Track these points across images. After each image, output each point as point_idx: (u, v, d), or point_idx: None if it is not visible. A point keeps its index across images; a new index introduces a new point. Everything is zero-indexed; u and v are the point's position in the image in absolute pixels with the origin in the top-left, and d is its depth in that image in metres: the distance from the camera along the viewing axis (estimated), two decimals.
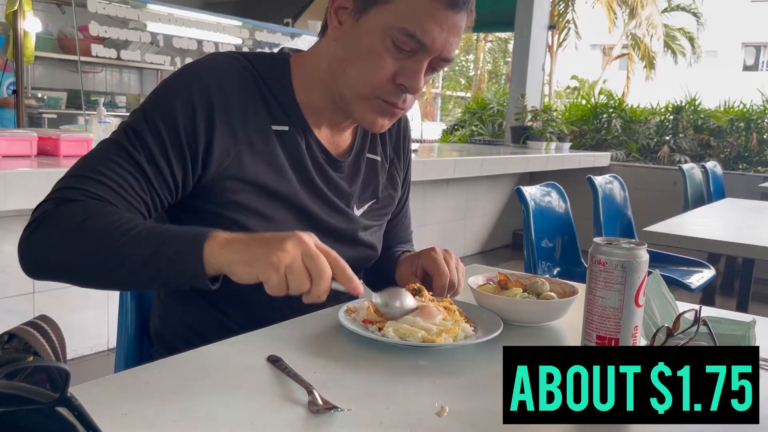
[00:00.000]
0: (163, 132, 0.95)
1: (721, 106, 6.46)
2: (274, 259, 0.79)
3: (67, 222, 0.88)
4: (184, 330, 1.09)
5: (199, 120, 0.97)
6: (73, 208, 0.89)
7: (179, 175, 0.97)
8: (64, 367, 0.42)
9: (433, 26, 0.96)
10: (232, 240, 0.83)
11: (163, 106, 0.97)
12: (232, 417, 0.67)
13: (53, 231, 0.88)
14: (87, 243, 0.86)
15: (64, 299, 2.71)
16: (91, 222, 0.86)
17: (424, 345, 0.87)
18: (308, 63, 1.08)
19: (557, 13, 13.91)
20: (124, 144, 0.95)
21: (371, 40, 0.98)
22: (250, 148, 1.01)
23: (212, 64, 1.02)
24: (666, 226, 2.49)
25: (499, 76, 22.61)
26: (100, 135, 2.74)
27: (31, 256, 0.90)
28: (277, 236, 0.82)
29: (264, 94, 1.04)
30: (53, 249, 0.88)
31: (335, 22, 1.02)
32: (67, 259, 0.88)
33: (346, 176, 1.14)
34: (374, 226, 1.19)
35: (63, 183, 0.93)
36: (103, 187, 0.91)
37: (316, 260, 0.80)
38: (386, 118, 1.05)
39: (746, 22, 23.16)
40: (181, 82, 0.99)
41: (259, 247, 0.81)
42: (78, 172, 0.93)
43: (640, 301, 0.80)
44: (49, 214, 0.89)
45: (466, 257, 5.42)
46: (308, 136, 1.08)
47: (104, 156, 0.94)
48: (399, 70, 0.99)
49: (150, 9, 3.62)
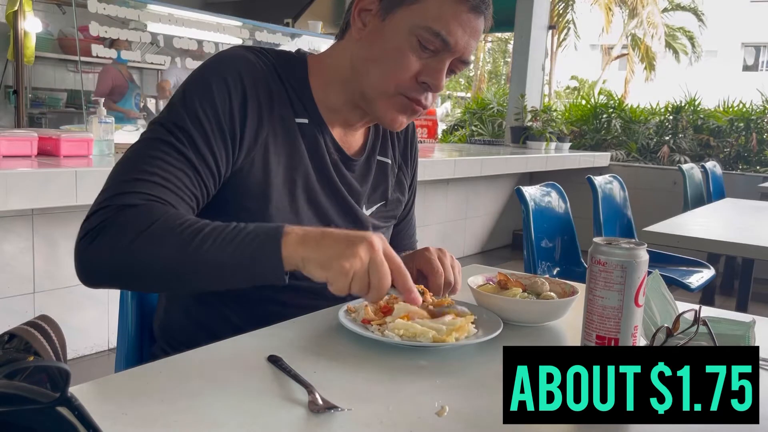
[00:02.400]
0: (204, 121, 0.97)
1: (720, 106, 6.46)
2: (347, 265, 0.80)
3: (133, 228, 0.86)
4: (189, 324, 1.10)
5: (234, 106, 0.99)
6: (136, 212, 0.87)
7: (223, 163, 0.99)
8: (64, 367, 0.42)
9: (457, 27, 1.01)
10: (307, 238, 0.84)
11: (199, 96, 0.98)
12: (232, 417, 0.67)
13: (119, 238, 0.86)
14: (158, 249, 0.85)
15: (65, 299, 2.71)
16: (159, 227, 0.85)
17: (424, 345, 0.87)
18: (326, 63, 1.11)
19: (557, 13, 13.92)
20: (169, 140, 0.94)
21: (397, 39, 1.02)
22: (274, 138, 1.04)
23: (239, 54, 1.04)
24: (666, 226, 2.49)
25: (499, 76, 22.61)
26: (100, 135, 2.74)
27: (94, 265, 0.88)
28: (350, 238, 0.83)
29: (286, 87, 1.07)
30: (121, 257, 0.86)
31: (359, 24, 1.06)
32: (137, 267, 0.87)
33: (358, 176, 1.16)
34: (382, 227, 1.22)
35: (115, 188, 0.91)
36: (159, 187, 0.91)
37: (380, 270, 0.81)
38: (406, 115, 1.08)
39: (746, 22, 23.16)
40: (214, 70, 1.01)
41: (333, 248, 0.82)
42: (128, 176, 0.92)
43: (640, 301, 0.80)
44: (110, 221, 0.87)
45: (465, 257, 5.42)
46: (324, 132, 1.10)
47: (151, 155, 0.93)
48: (422, 68, 1.03)
49: (150, 9, 3.62)
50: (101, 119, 2.75)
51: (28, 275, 2.62)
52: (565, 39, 14.99)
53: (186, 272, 0.86)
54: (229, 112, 0.99)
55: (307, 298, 1.07)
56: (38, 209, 2.59)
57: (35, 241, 2.63)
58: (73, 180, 2.16)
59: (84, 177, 2.19)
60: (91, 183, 2.20)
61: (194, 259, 0.84)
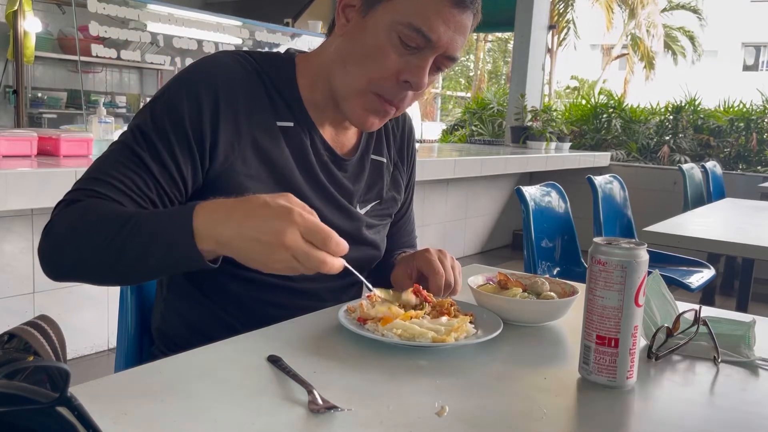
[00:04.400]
0: (168, 129, 0.96)
1: (720, 106, 6.46)
2: (275, 265, 0.78)
3: (68, 222, 0.88)
4: (185, 328, 1.09)
5: (205, 115, 0.98)
6: (75, 207, 0.89)
7: (187, 171, 0.98)
8: (64, 367, 0.42)
9: (440, 22, 0.97)
10: (216, 212, 0.81)
11: (168, 104, 0.98)
12: (232, 417, 0.67)
13: (59, 233, 0.89)
14: (85, 241, 0.86)
15: (64, 299, 2.71)
16: (87, 219, 0.87)
17: (424, 345, 0.87)
18: (313, 62, 1.09)
19: (557, 13, 13.91)
20: (130, 144, 0.95)
21: (377, 35, 0.99)
22: (254, 144, 1.02)
23: (217, 61, 1.03)
24: (666, 226, 2.49)
25: (499, 76, 22.61)
26: (100, 135, 2.74)
27: (46, 259, 0.90)
28: (265, 220, 0.77)
29: (269, 92, 1.05)
30: (62, 251, 0.89)
31: (342, 20, 1.03)
32: (75, 259, 0.88)
33: (350, 175, 1.14)
34: (378, 225, 1.20)
35: (73, 187, 0.94)
36: (108, 186, 0.92)
37: (311, 261, 0.77)
38: (377, 116, 1.05)
39: (746, 22, 23.16)
40: (188, 79, 1.00)
41: (249, 235, 0.78)
42: (87, 175, 0.95)
43: (640, 301, 0.80)
44: (56, 217, 0.90)
45: (466, 257, 5.42)
46: (313, 133, 1.09)
47: (112, 158, 0.95)
48: (404, 66, 0.99)
49: (150, 9, 3.62)
50: (101, 119, 2.75)
51: (27, 275, 2.62)
52: (565, 39, 14.99)
53: (116, 261, 0.85)
54: (197, 121, 0.97)
55: (305, 299, 1.07)
56: (38, 209, 2.58)
57: (35, 241, 2.62)
58: (73, 180, 2.14)
59: None
60: None
61: (119, 247, 0.84)
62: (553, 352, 0.96)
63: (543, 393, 0.78)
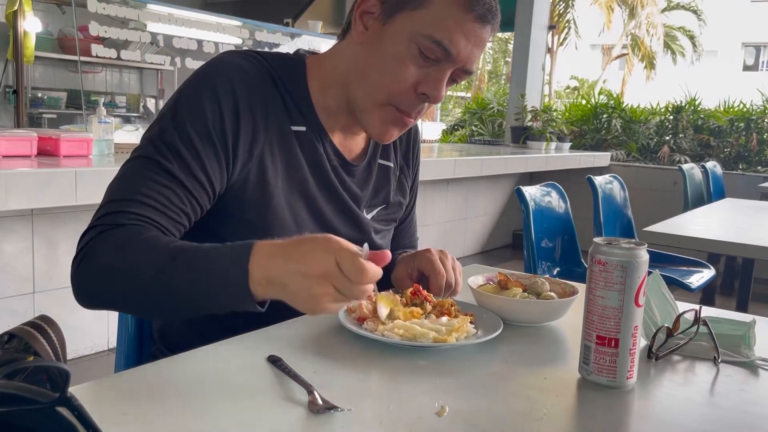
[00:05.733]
0: (193, 136, 0.93)
1: (721, 106, 6.46)
2: (319, 308, 0.76)
3: (109, 253, 0.85)
4: (185, 329, 1.09)
5: (226, 117, 0.96)
6: (115, 235, 0.86)
7: (215, 178, 0.96)
8: (64, 367, 0.42)
9: (461, 36, 0.96)
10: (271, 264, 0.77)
11: (189, 109, 0.95)
12: (232, 417, 0.67)
13: (100, 265, 0.85)
14: (130, 275, 0.83)
15: (64, 299, 2.70)
16: (129, 251, 0.83)
17: (424, 345, 0.87)
18: (325, 65, 1.08)
19: (557, 13, 13.91)
20: (154, 157, 0.92)
21: (397, 45, 0.97)
22: (270, 148, 1.01)
23: (230, 62, 1.00)
24: (666, 226, 2.49)
25: (499, 76, 22.60)
26: (100, 135, 2.73)
27: (82, 289, 0.87)
28: (309, 266, 0.75)
29: (282, 95, 1.04)
30: (103, 284, 0.85)
31: (360, 27, 1.01)
32: (116, 293, 0.85)
33: (358, 180, 1.14)
34: (384, 230, 1.20)
35: (104, 209, 0.90)
36: (143, 206, 0.88)
37: (354, 294, 0.75)
38: (396, 128, 1.04)
39: (746, 22, 23.15)
40: (204, 81, 0.98)
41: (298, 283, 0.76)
42: (116, 196, 0.90)
43: (640, 301, 0.80)
44: (92, 244, 0.86)
45: (466, 257, 5.42)
46: (323, 138, 1.07)
47: (139, 174, 0.91)
48: (422, 78, 0.98)
49: (150, 9, 3.62)
50: (101, 119, 2.75)
51: (27, 275, 2.62)
52: (565, 39, 14.98)
53: (160, 297, 0.83)
54: (220, 126, 0.95)
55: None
56: (38, 209, 2.59)
57: (35, 241, 2.63)
58: (73, 180, 2.16)
59: (84, 177, 2.19)
60: (91, 183, 2.19)
61: (167, 286, 0.81)
62: (553, 352, 0.96)
63: (543, 393, 0.78)
